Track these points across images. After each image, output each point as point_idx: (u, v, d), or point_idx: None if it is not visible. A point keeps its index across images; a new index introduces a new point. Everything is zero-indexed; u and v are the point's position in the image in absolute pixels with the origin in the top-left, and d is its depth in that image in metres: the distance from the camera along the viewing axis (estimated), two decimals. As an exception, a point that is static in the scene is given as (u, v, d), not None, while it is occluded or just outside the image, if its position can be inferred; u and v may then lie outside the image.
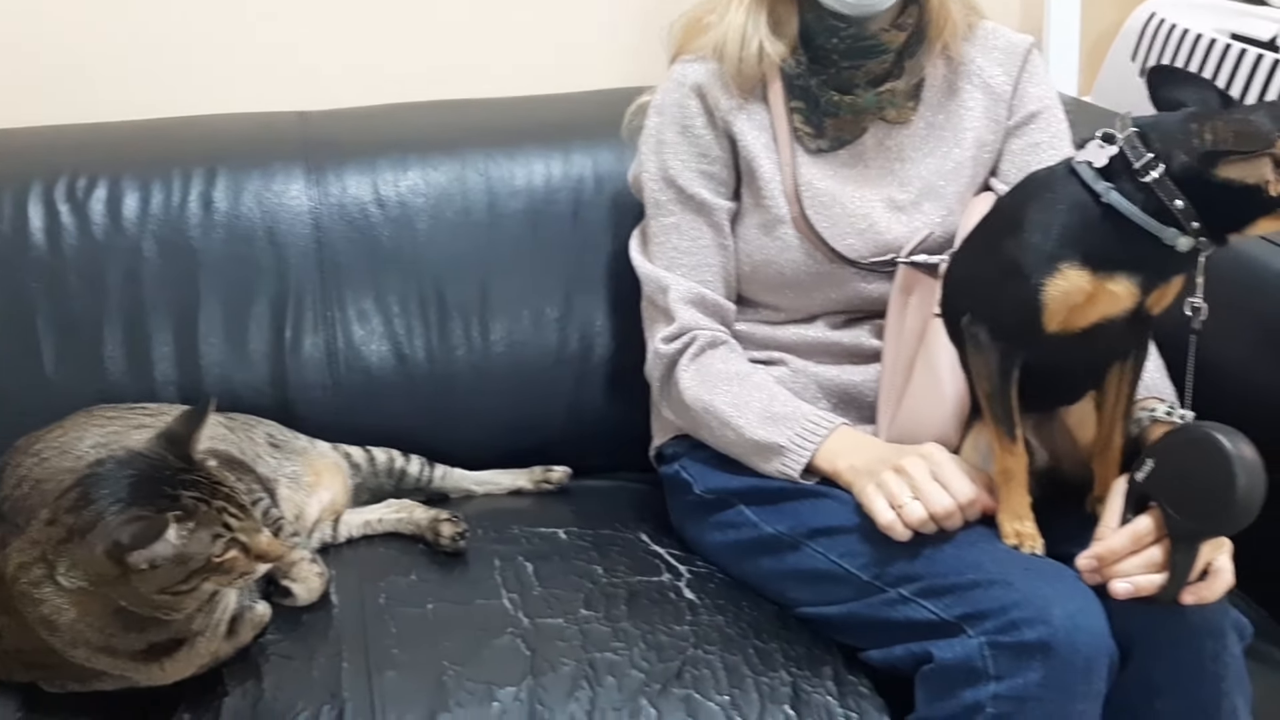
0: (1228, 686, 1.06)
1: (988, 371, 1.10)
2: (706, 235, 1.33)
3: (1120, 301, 1.03)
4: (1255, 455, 0.97)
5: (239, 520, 1.04)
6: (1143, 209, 1.02)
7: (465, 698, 1.08)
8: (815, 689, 1.11)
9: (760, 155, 1.32)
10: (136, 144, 1.51)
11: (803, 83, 1.30)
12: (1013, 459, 1.10)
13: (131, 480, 1.02)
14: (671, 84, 1.35)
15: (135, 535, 0.97)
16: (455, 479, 1.45)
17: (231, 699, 1.08)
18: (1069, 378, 1.15)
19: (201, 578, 1.01)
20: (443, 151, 1.51)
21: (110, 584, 1.00)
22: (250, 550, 1.04)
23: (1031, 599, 1.01)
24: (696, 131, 1.32)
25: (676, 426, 1.38)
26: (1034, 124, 1.35)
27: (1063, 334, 1.05)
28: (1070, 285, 1.03)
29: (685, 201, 1.33)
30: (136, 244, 1.42)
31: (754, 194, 1.33)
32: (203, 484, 1.04)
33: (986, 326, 1.09)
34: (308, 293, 1.45)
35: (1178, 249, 1.02)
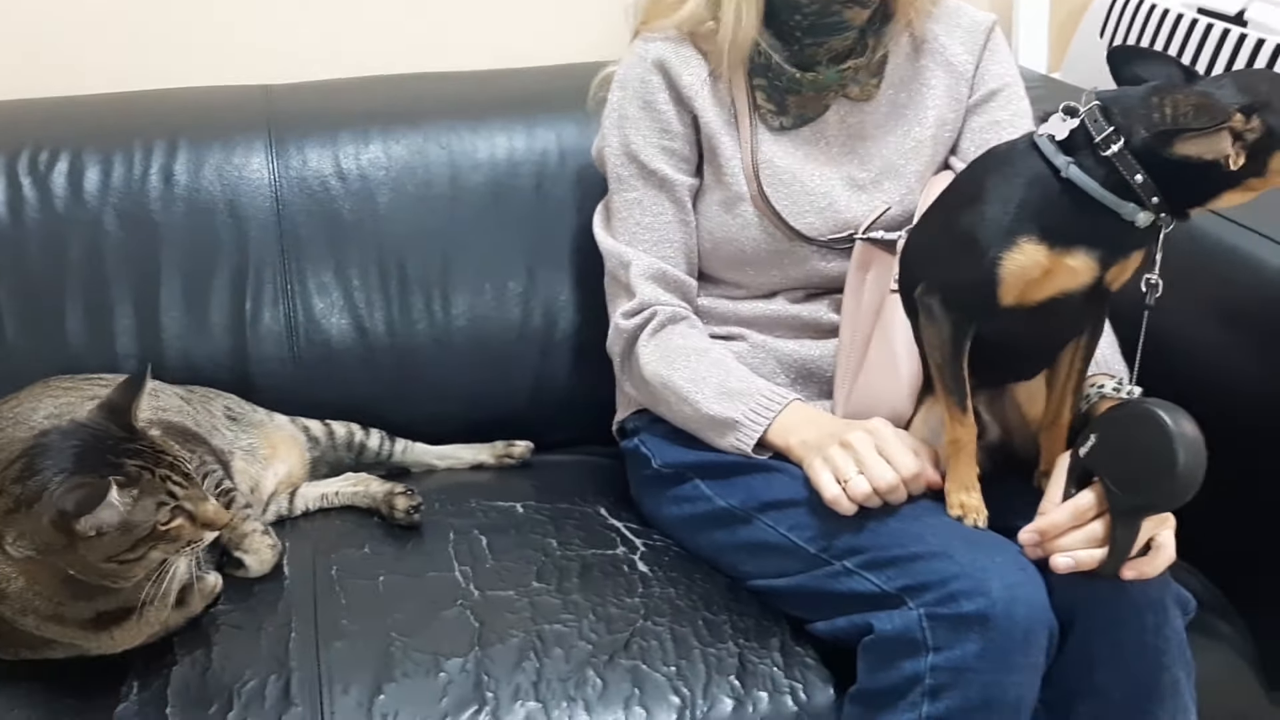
0: (1169, 660, 1.07)
1: (939, 342, 1.10)
2: (668, 211, 1.33)
3: (1078, 276, 1.03)
4: (1196, 431, 0.97)
5: (183, 488, 1.04)
6: (1102, 184, 1.01)
7: (412, 668, 1.09)
8: (762, 660, 1.12)
9: (721, 132, 1.32)
10: (98, 118, 1.51)
11: (765, 60, 1.30)
12: (963, 429, 1.10)
13: (75, 450, 1.02)
14: (634, 59, 1.35)
15: (79, 501, 0.97)
16: (416, 453, 1.45)
17: (180, 668, 1.09)
18: (1024, 353, 1.15)
19: (148, 546, 1.02)
20: (404, 124, 1.51)
21: (58, 553, 1.00)
22: (196, 518, 1.04)
23: (971, 571, 1.01)
24: (658, 107, 1.32)
25: (639, 401, 1.39)
26: (994, 101, 1.35)
27: (1018, 308, 1.05)
28: (1027, 260, 1.02)
29: (647, 177, 1.33)
30: (98, 217, 1.43)
31: (715, 171, 1.33)
32: (146, 453, 1.04)
33: (940, 297, 1.09)
34: (268, 266, 1.45)
35: (1137, 224, 1.01)
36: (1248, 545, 1.27)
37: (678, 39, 1.33)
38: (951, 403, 1.10)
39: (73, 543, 0.99)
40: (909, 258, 1.21)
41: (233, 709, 1.05)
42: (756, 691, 1.10)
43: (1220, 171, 0.99)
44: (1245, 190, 1.01)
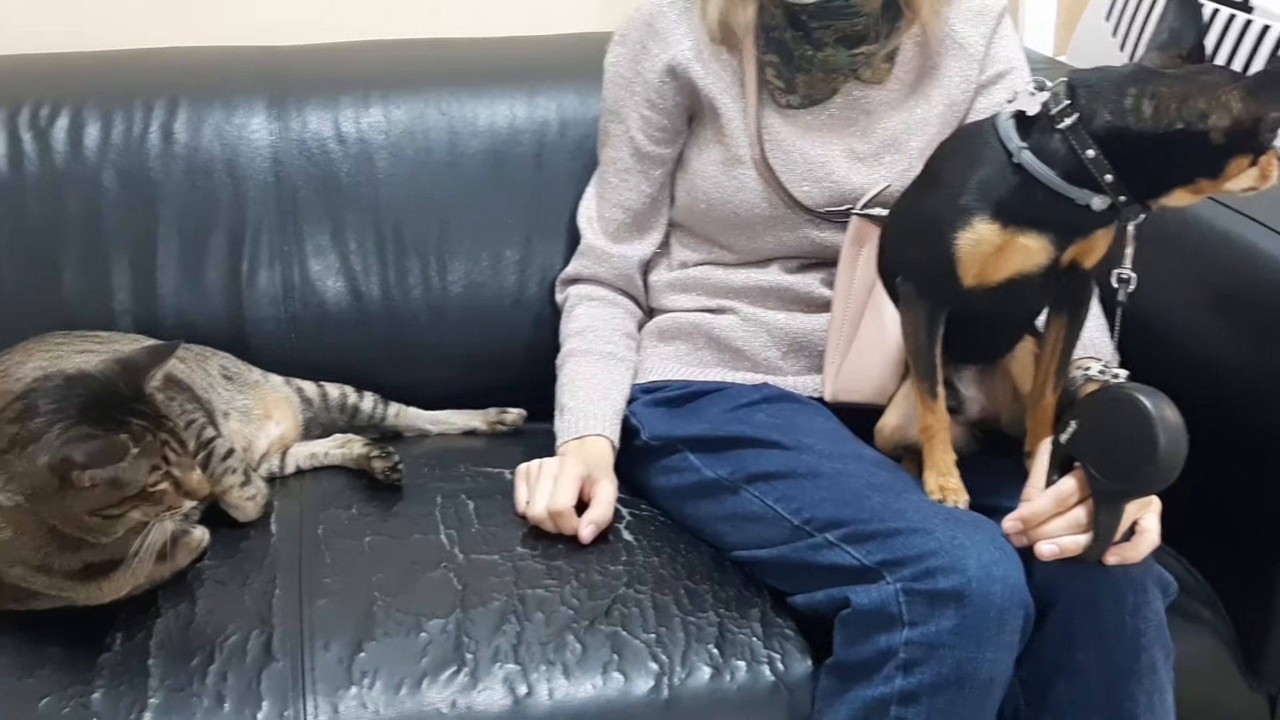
0: (1147, 641, 1.07)
1: (913, 329, 1.11)
2: (633, 178, 1.37)
3: (1033, 256, 1.03)
4: (1177, 416, 0.97)
5: (177, 455, 1.05)
6: (1062, 162, 1.01)
7: (393, 627, 1.10)
8: (741, 629, 1.13)
9: (722, 97, 1.32)
10: (100, 74, 1.51)
11: (779, 35, 1.30)
12: (933, 417, 1.11)
13: (80, 399, 1.03)
14: (638, 18, 1.35)
15: (90, 453, 0.98)
16: (409, 417, 1.46)
17: (164, 620, 1.10)
18: (995, 331, 1.15)
19: (132, 505, 1.02)
20: (405, 90, 1.51)
21: (44, 499, 1.01)
22: (181, 485, 1.05)
23: (948, 548, 1.02)
24: (647, 76, 1.33)
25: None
26: (1000, 84, 1.34)
27: (981, 288, 1.05)
28: (979, 237, 1.03)
29: (627, 142, 1.36)
30: (97, 174, 1.43)
31: (715, 130, 1.34)
32: (150, 415, 1.05)
33: (914, 283, 1.09)
34: (265, 227, 1.45)
35: (1092, 209, 1.01)
36: (1228, 529, 1.27)
37: (685, 3, 1.33)
38: (922, 390, 1.11)
39: (62, 490, 1.00)
40: (885, 240, 1.21)
41: (214, 662, 1.06)
42: (735, 660, 1.10)
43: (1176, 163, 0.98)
44: (1194, 191, 1.01)
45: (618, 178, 1.39)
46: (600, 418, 1.30)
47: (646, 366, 1.39)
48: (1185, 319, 1.29)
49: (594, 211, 1.42)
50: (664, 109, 1.34)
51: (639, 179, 1.38)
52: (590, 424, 1.29)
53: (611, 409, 1.32)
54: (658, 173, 1.38)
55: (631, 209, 1.39)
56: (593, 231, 1.41)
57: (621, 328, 1.40)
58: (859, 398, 1.26)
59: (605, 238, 1.41)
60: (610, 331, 1.38)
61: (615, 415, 1.32)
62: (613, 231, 1.40)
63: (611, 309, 1.41)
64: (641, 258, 1.41)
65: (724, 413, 1.28)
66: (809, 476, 1.15)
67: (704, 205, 1.35)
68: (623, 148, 1.38)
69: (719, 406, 1.29)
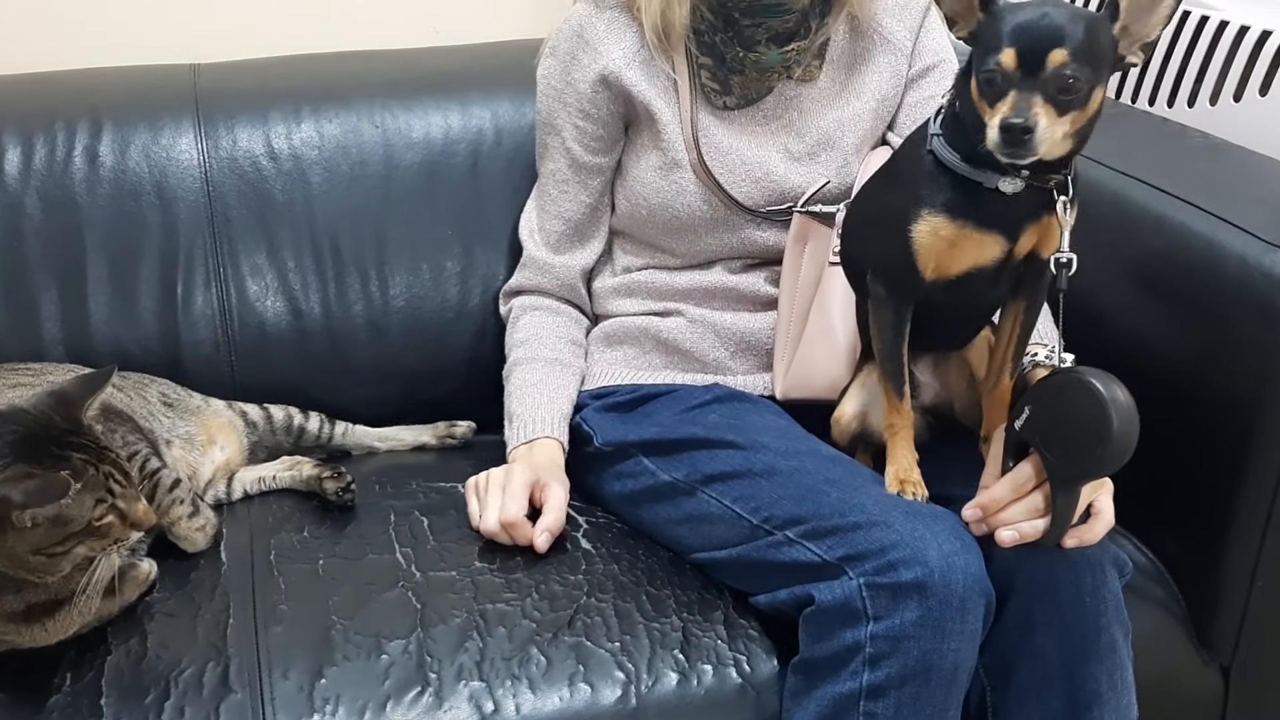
0: (1106, 620, 1.09)
1: (880, 326, 1.11)
2: (572, 189, 1.37)
3: (985, 247, 1.03)
4: (1128, 397, 0.98)
5: (121, 486, 1.02)
6: (963, 147, 1.02)
7: (353, 651, 1.08)
8: (705, 633, 1.12)
9: (657, 102, 1.32)
10: (18, 97, 1.47)
11: (709, 39, 1.30)
12: (899, 416, 1.12)
13: (14, 435, 0.99)
14: (567, 29, 1.34)
15: (29, 492, 0.95)
16: (357, 435, 1.44)
17: (115, 657, 1.07)
18: (959, 321, 1.16)
19: (77, 540, 0.99)
20: (337, 103, 1.49)
21: None
22: (127, 516, 1.02)
23: (909, 540, 1.02)
24: (580, 88, 1.33)
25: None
26: (929, 77, 1.36)
27: (943, 280, 1.06)
28: (930, 230, 1.03)
29: (564, 154, 1.36)
30: (19, 200, 1.39)
31: (652, 136, 1.33)
32: (90, 447, 1.02)
33: (882, 281, 1.10)
34: (199, 248, 1.42)
35: (1002, 190, 1.01)
36: (1173, 507, 1.29)
37: (615, 7, 1.32)
38: (890, 389, 1.12)
39: (2, 531, 0.96)
40: (847, 235, 1.22)
41: (170, 697, 1.03)
42: (701, 665, 1.10)
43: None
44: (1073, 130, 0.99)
45: (557, 189, 1.38)
46: (548, 420, 1.29)
47: (595, 372, 1.38)
48: (1120, 301, 1.31)
49: (535, 224, 1.41)
50: (598, 118, 1.34)
51: (578, 189, 1.37)
52: (538, 427, 1.28)
53: (559, 412, 1.31)
54: (596, 182, 1.37)
55: (571, 219, 1.39)
56: (534, 243, 1.41)
57: (566, 335, 1.39)
58: (810, 394, 1.27)
59: (547, 249, 1.40)
60: (555, 339, 1.38)
61: (563, 418, 1.31)
62: (554, 243, 1.40)
63: (556, 318, 1.40)
64: (584, 267, 1.41)
65: (675, 415, 1.27)
66: (765, 475, 1.14)
67: (645, 211, 1.35)
68: (560, 159, 1.37)
69: (670, 409, 1.29)
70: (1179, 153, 1.43)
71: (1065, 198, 1.01)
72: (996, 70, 0.96)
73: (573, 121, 1.35)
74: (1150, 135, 1.49)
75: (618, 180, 1.38)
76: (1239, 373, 1.20)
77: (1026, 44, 0.95)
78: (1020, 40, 0.95)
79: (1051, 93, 0.95)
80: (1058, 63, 0.94)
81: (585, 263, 1.41)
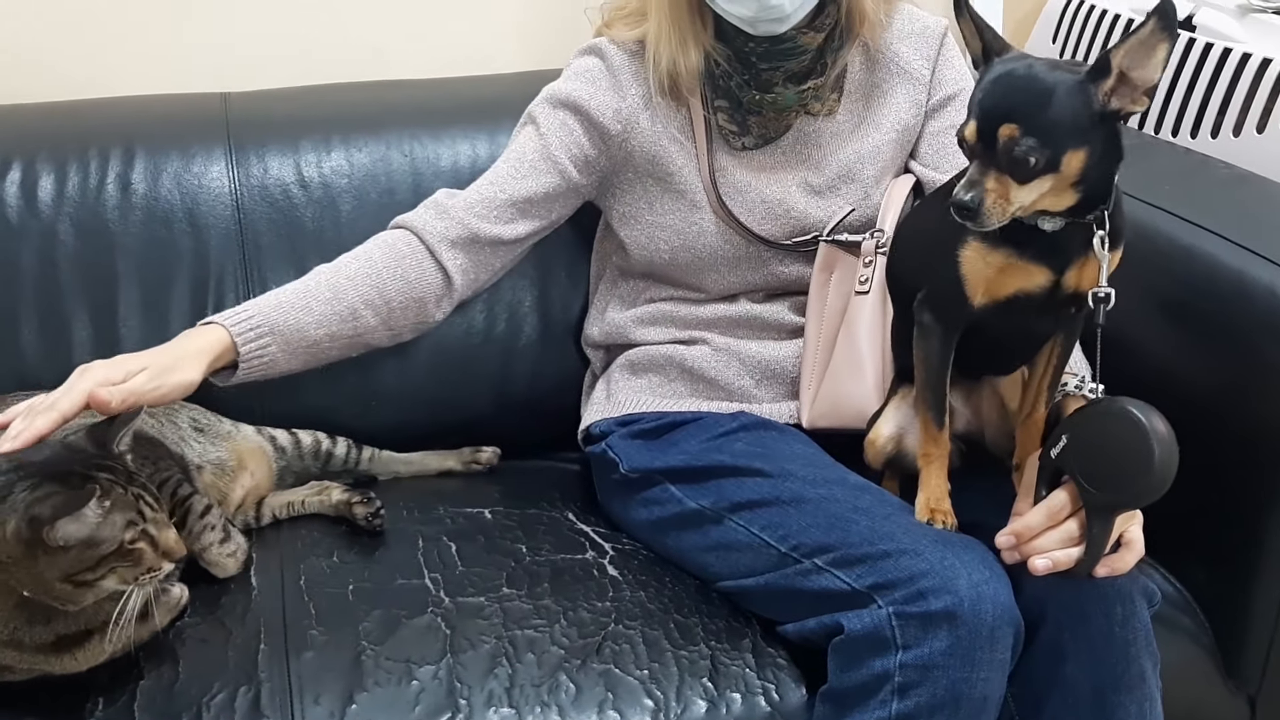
0: (1136, 651, 1.09)
1: (925, 356, 1.11)
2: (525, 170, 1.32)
3: (1032, 275, 1.04)
4: (1168, 428, 0.98)
5: (152, 511, 1.03)
6: None
7: (383, 677, 1.08)
8: (734, 661, 1.12)
9: (668, 147, 1.32)
10: (52, 125, 1.48)
11: (725, 83, 1.31)
12: (935, 446, 1.12)
13: (43, 459, 1.01)
14: (597, 55, 1.35)
15: (56, 507, 0.95)
16: (383, 461, 1.44)
17: (146, 682, 1.07)
18: (1004, 351, 1.16)
19: (109, 566, 1.00)
20: (367, 132, 1.50)
21: (12, 567, 0.98)
22: (158, 544, 1.03)
23: (938, 569, 1.02)
24: (589, 104, 1.33)
25: (605, 409, 1.39)
26: (950, 106, 1.37)
27: (990, 307, 1.06)
28: (977, 257, 1.04)
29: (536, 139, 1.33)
30: (52, 227, 1.40)
31: (662, 184, 1.34)
32: (118, 470, 1.03)
33: (929, 307, 1.10)
34: (229, 275, 1.43)
35: (1042, 227, 1.02)
36: (1201, 538, 1.29)
37: (636, 51, 1.33)
38: (929, 419, 1.12)
39: (33, 555, 0.97)
40: (896, 257, 1.22)
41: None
42: (730, 693, 1.10)
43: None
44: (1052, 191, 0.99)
45: (508, 166, 1.32)
46: (237, 312, 1.20)
47: (620, 400, 1.39)
48: (1148, 331, 1.32)
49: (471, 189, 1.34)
50: (592, 135, 1.32)
51: (530, 176, 1.32)
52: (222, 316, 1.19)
53: (257, 305, 1.21)
54: (552, 181, 1.32)
55: (507, 194, 1.32)
56: (447, 193, 1.33)
57: (379, 286, 1.27)
58: (837, 423, 1.27)
59: (462, 207, 1.30)
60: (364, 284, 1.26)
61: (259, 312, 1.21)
62: (473, 202, 1.31)
63: (396, 264, 1.28)
64: (483, 236, 1.31)
65: (702, 443, 1.28)
66: (793, 503, 1.15)
67: (666, 255, 1.35)
68: (530, 144, 1.33)
69: (697, 437, 1.29)
70: (1205, 184, 1.44)
71: (1102, 232, 1.02)
72: (961, 140, 0.98)
73: (562, 118, 1.33)
74: (1176, 167, 1.50)
75: (628, 228, 1.37)
76: (1268, 403, 1.20)
77: (982, 115, 0.97)
78: (978, 111, 0.97)
79: (1006, 165, 0.96)
80: (1006, 136, 0.95)
81: (490, 234, 1.31)
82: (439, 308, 1.34)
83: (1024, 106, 0.95)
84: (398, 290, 1.29)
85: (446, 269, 1.32)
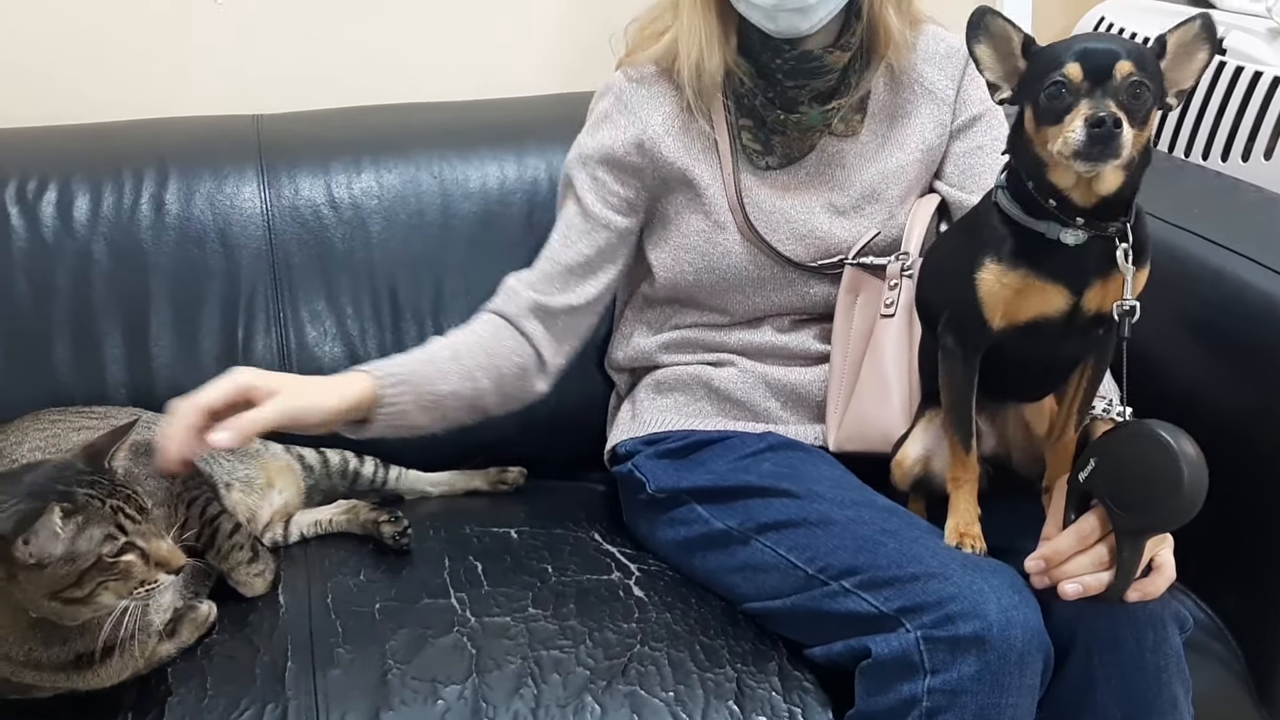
0: (1168, 677, 1.07)
1: (950, 379, 1.11)
2: (573, 236, 1.34)
3: (1050, 297, 1.04)
4: (1197, 450, 0.97)
5: (135, 523, 1.01)
6: (1024, 198, 1.03)
7: (409, 695, 1.08)
8: (760, 684, 1.12)
9: (695, 168, 1.33)
10: (87, 146, 1.51)
11: (749, 102, 1.31)
12: (964, 470, 1.12)
13: (30, 481, 1.00)
14: (610, 96, 1.36)
15: (17, 522, 0.94)
16: (410, 480, 1.45)
17: (175, 698, 1.08)
18: (1031, 377, 1.15)
19: (96, 583, 0.98)
20: (396, 154, 1.52)
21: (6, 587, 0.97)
22: (150, 556, 1.01)
23: (967, 593, 1.02)
24: (609, 145, 1.33)
25: (631, 428, 1.39)
26: (976, 126, 1.36)
27: (1010, 330, 1.06)
28: (994, 276, 1.04)
29: (575, 202, 1.34)
30: (87, 246, 1.42)
31: (692, 201, 1.34)
32: (101, 484, 1.01)
33: (951, 330, 1.10)
34: (260, 294, 1.45)
35: (1065, 242, 1.02)
36: (1231, 562, 1.28)
37: (654, 74, 1.34)
38: (956, 442, 1.11)
39: (13, 574, 0.96)
40: (922, 283, 1.22)
41: (229, 739, 1.04)
42: (756, 716, 1.09)
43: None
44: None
45: (559, 237, 1.35)
46: (378, 366, 1.21)
47: (645, 419, 1.39)
48: (1177, 354, 1.31)
49: (527, 272, 1.36)
50: (621, 176, 1.33)
51: (579, 239, 1.33)
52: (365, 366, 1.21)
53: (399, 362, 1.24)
54: (601, 237, 1.33)
55: (564, 264, 1.33)
56: (515, 277, 1.35)
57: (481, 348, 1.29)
58: (864, 446, 1.27)
59: (525, 284, 1.33)
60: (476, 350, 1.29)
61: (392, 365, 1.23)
62: (534, 280, 1.33)
63: (495, 335, 1.31)
64: (552, 307, 1.33)
65: (729, 463, 1.28)
66: (821, 524, 1.14)
67: (691, 275, 1.35)
68: (570, 208, 1.35)
69: (724, 457, 1.29)
70: (1234, 207, 1.43)
71: (1126, 245, 1.01)
72: (1063, 83, 0.96)
73: (591, 172, 1.34)
74: (1205, 189, 1.49)
75: (655, 250, 1.37)
76: (1299, 427, 1.19)
77: (1091, 57, 0.96)
78: (1083, 56, 0.97)
79: (1124, 100, 0.96)
80: (1126, 72, 0.96)
81: (554, 303, 1.33)
82: (539, 379, 1.34)
83: (1133, 52, 0.97)
84: (503, 357, 1.31)
85: (532, 341, 1.32)
